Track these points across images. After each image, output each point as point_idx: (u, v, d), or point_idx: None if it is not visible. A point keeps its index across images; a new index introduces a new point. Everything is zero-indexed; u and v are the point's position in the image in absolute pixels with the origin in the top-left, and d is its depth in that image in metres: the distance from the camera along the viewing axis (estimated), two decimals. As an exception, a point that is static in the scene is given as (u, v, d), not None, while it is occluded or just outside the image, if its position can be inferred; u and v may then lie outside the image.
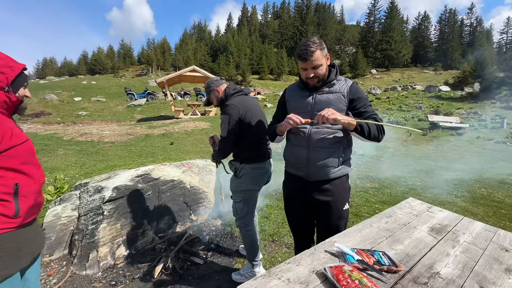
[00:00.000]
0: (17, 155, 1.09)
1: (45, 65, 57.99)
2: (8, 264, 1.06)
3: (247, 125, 1.87)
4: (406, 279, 0.93)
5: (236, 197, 2.03)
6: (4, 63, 1.10)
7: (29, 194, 1.14)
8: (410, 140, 9.88)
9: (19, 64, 1.16)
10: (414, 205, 1.67)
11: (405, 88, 26.37)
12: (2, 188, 1.05)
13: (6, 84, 1.08)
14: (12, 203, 1.07)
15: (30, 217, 1.17)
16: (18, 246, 1.11)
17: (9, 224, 1.07)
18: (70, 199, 2.67)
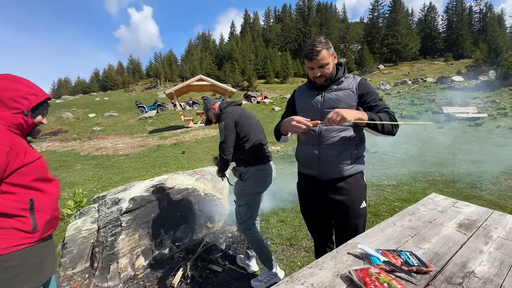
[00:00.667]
0: (31, 172, 1.14)
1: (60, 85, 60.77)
2: (30, 279, 1.09)
3: (244, 129, 2.00)
4: (438, 279, 0.87)
5: (240, 200, 2.04)
6: (31, 91, 1.19)
7: (45, 209, 1.17)
8: (425, 134, 9.56)
9: (45, 94, 1.25)
10: (438, 200, 1.60)
11: (415, 81, 25.69)
12: (18, 204, 1.08)
13: (27, 108, 1.15)
14: (29, 218, 1.10)
15: (49, 231, 1.21)
16: (38, 260, 1.14)
17: (28, 239, 1.10)
18: (89, 212, 2.73)
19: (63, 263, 2.36)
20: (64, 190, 4.99)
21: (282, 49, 55.50)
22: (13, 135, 1.12)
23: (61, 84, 61.83)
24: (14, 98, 1.12)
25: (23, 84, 1.19)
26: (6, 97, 1.12)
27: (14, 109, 1.13)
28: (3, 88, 1.12)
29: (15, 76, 1.20)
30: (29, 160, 1.13)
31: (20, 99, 1.14)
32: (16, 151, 1.08)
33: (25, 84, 1.19)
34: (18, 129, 1.16)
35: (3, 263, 1.03)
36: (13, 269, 1.05)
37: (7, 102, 1.12)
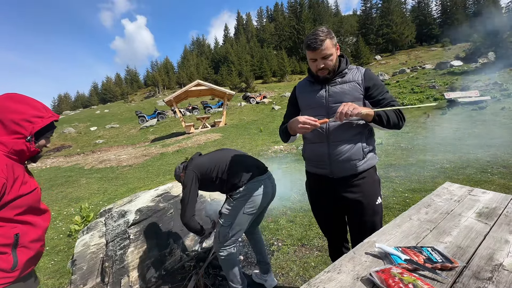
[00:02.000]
0: (23, 204, 1.05)
1: (60, 101, 61.33)
2: None
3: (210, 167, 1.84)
4: (466, 275, 0.82)
5: (225, 220, 1.78)
6: (36, 113, 1.09)
7: (30, 245, 1.08)
8: (429, 122, 9.44)
9: (52, 115, 1.16)
10: (453, 189, 1.54)
11: (414, 69, 25.46)
12: (1, 240, 0.98)
13: (29, 133, 1.07)
14: (10, 256, 1.00)
15: (28, 269, 1.11)
16: None
17: (6, 279, 1.01)
18: (96, 226, 2.70)
19: (74, 281, 2.33)
20: (71, 206, 4.97)
21: (277, 48, 55.45)
22: (12, 163, 1.04)
23: (61, 100, 62.38)
24: (16, 121, 1.04)
25: (28, 105, 1.09)
26: (8, 119, 1.03)
27: (16, 133, 1.04)
28: (7, 109, 1.04)
29: (22, 96, 1.11)
30: (24, 191, 1.05)
31: (24, 122, 1.05)
32: (12, 182, 1.00)
33: (31, 105, 1.10)
34: (17, 155, 1.08)
35: None
36: None
37: (9, 125, 1.04)
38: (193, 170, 1.83)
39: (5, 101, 1.05)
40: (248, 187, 1.75)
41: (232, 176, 1.79)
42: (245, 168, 1.81)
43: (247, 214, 1.76)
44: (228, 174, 1.80)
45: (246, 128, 12.77)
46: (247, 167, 1.82)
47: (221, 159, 1.88)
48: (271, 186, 1.87)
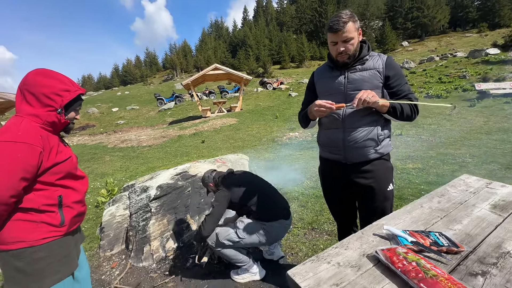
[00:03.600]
0: (61, 171, 1.16)
1: (84, 82, 63.79)
2: (58, 270, 1.16)
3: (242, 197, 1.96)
4: (470, 259, 0.85)
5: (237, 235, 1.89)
6: (64, 87, 1.17)
7: (72, 205, 1.21)
8: (455, 114, 8.94)
9: (78, 89, 1.23)
10: (470, 182, 1.52)
11: (444, 57, 23.75)
12: (48, 200, 1.12)
13: (59, 106, 1.15)
14: (58, 214, 1.15)
15: (75, 225, 1.26)
16: (65, 252, 1.19)
17: (56, 232, 1.15)
18: (121, 199, 2.93)
19: (102, 245, 2.59)
20: (97, 180, 5.36)
21: (297, 32, 53.46)
22: (47, 134, 1.14)
23: (85, 81, 64.86)
24: (47, 94, 1.12)
25: (57, 79, 1.17)
26: (40, 93, 1.11)
27: (48, 106, 1.13)
28: (38, 84, 1.11)
29: (49, 71, 1.18)
30: (60, 159, 1.15)
31: (54, 96, 1.13)
32: (48, 151, 1.10)
33: (58, 80, 1.17)
34: (51, 126, 1.17)
35: (33, 254, 1.09)
36: (43, 260, 1.11)
37: (41, 99, 1.11)
38: (227, 192, 1.98)
39: (35, 76, 1.13)
40: (273, 225, 1.91)
41: (262, 211, 1.94)
42: (276, 208, 1.96)
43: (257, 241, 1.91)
44: (258, 207, 1.94)
45: (262, 114, 12.76)
46: (277, 209, 1.97)
47: (254, 189, 2.00)
48: (287, 229, 2.02)
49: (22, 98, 1.12)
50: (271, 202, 1.98)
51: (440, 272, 0.73)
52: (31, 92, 1.11)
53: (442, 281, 0.70)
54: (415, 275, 0.73)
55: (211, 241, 1.94)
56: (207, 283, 2.05)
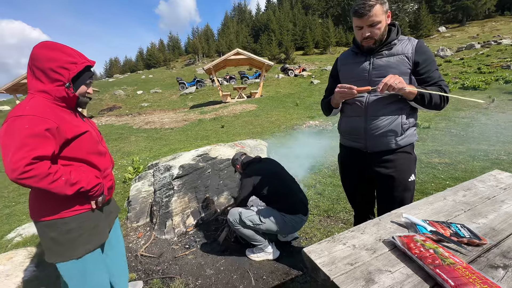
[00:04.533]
0: (81, 145, 1.18)
1: (111, 65, 66.29)
2: (88, 241, 1.22)
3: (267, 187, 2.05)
4: (493, 253, 0.83)
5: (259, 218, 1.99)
6: (70, 59, 1.12)
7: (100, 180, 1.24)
8: (492, 108, 8.23)
9: (85, 60, 1.18)
10: (501, 178, 1.44)
11: (486, 44, 21.56)
12: None
13: (67, 80, 1.11)
14: None
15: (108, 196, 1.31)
16: (94, 224, 1.25)
17: (85, 205, 1.21)
18: (146, 176, 3.12)
19: (129, 217, 2.81)
20: (124, 158, 5.71)
21: (323, 16, 50.95)
22: (59, 109, 1.13)
23: (112, 64, 67.37)
24: (54, 68, 1.08)
25: (62, 52, 1.12)
26: (47, 68, 1.08)
27: (56, 80, 1.10)
28: (44, 58, 1.08)
29: (55, 43, 1.13)
30: (77, 132, 1.15)
31: (60, 69, 1.09)
32: (61, 124, 1.09)
33: (64, 52, 1.12)
34: (63, 101, 1.15)
35: (65, 225, 1.15)
36: (74, 231, 1.17)
37: (49, 74, 1.08)
38: (252, 178, 2.08)
39: (41, 50, 1.09)
40: (292, 218, 1.98)
41: (283, 203, 2.00)
42: (297, 203, 2.03)
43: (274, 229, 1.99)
44: (280, 199, 2.02)
45: (282, 101, 12.59)
46: (297, 202, 2.03)
47: (278, 181, 2.09)
48: (303, 224, 2.08)
49: (32, 74, 1.10)
50: (293, 197, 2.04)
51: (458, 261, 0.73)
52: (38, 67, 1.08)
53: (459, 269, 0.70)
54: (432, 261, 0.74)
55: (232, 217, 2.05)
56: (224, 258, 2.18)
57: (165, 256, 2.28)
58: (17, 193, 4.42)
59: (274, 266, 2.04)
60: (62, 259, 1.18)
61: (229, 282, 1.91)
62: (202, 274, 2.02)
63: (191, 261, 2.18)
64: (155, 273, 2.07)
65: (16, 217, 3.46)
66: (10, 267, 2.10)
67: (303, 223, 2.06)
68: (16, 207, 3.83)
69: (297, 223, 2.01)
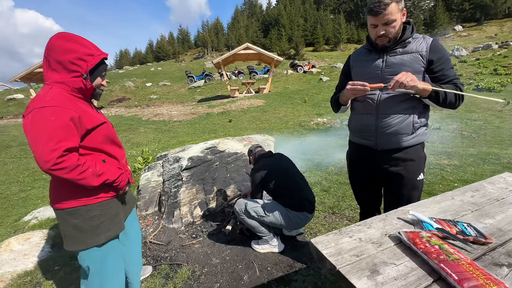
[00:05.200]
0: (99, 135, 1.21)
1: (121, 57, 66.87)
2: (110, 228, 1.26)
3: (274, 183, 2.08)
4: (498, 251, 0.85)
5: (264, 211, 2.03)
6: (87, 51, 1.14)
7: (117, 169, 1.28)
8: (507, 111, 8.01)
9: (101, 53, 1.20)
10: (511, 180, 1.43)
11: (504, 45, 20.79)
12: None
13: (85, 71, 1.13)
14: None
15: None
16: (114, 212, 1.29)
17: (106, 193, 1.24)
18: (155, 167, 3.20)
19: (139, 206, 2.89)
20: (133, 149, 5.85)
21: (335, 12, 49.97)
22: (76, 99, 1.15)
23: (122, 55, 67.98)
24: (72, 60, 1.10)
25: (79, 43, 1.13)
26: (65, 59, 1.09)
27: (73, 72, 1.11)
28: (61, 49, 1.09)
29: (71, 35, 1.14)
30: (95, 123, 1.18)
31: (78, 61, 1.11)
32: (81, 115, 1.12)
33: (81, 44, 1.14)
34: (80, 93, 1.17)
35: (88, 212, 1.19)
36: (96, 218, 1.21)
37: (67, 65, 1.10)
38: (261, 173, 2.12)
39: (58, 41, 1.10)
40: (297, 214, 2.01)
41: (290, 199, 2.03)
42: (303, 201, 2.05)
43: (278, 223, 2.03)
44: (287, 194, 2.05)
45: (290, 98, 12.53)
46: (303, 199, 2.05)
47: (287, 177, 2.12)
48: (308, 221, 2.10)
49: (48, 65, 1.12)
50: (301, 194, 2.06)
51: (462, 257, 0.75)
52: (56, 58, 1.10)
53: (463, 264, 0.72)
54: (437, 256, 0.76)
55: (239, 207, 2.10)
56: (229, 249, 2.24)
57: (173, 244, 2.35)
58: (32, 178, 4.60)
59: (279, 258, 2.09)
60: (84, 246, 1.21)
61: (234, 271, 1.97)
62: (208, 262, 2.08)
63: (198, 250, 2.25)
64: (163, 259, 2.15)
65: (32, 201, 3.61)
66: (28, 247, 2.22)
67: (307, 220, 2.09)
68: (32, 192, 3.99)
69: (302, 220, 2.04)
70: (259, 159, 2.29)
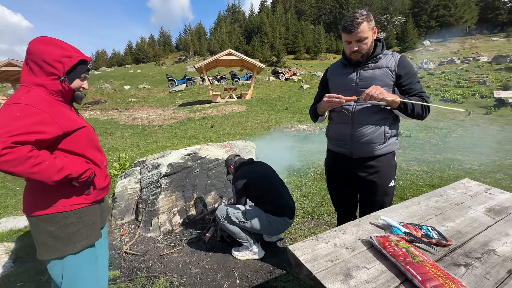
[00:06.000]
0: (80, 139, 1.19)
1: (98, 57, 64.02)
2: (87, 235, 1.22)
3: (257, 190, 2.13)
4: (457, 252, 0.93)
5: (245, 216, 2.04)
6: (65, 53, 1.14)
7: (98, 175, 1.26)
8: (468, 120, 8.75)
9: (79, 55, 1.19)
10: (470, 186, 1.57)
11: (465, 60, 22.80)
12: None
13: (62, 73, 1.12)
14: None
15: (100, 196, 1.30)
16: (92, 220, 1.26)
17: (84, 200, 1.21)
18: (133, 173, 3.09)
19: (114, 214, 2.76)
20: (109, 154, 5.58)
21: (316, 22, 51.90)
22: (57, 103, 1.14)
23: (99, 56, 65.08)
24: (49, 62, 1.10)
25: (57, 46, 1.14)
26: (42, 61, 1.10)
27: (51, 74, 1.11)
28: (39, 52, 1.09)
29: (51, 38, 1.15)
30: (75, 126, 1.16)
31: (55, 63, 1.11)
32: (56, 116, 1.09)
33: (59, 46, 1.14)
34: (60, 96, 1.16)
35: (65, 219, 1.15)
36: (73, 226, 1.17)
37: (44, 67, 1.10)
38: (243, 180, 2.14)
39: (36, 45, 1.11)
40: (277, 220, 2.04)
41: (271, 205, 2.07)
42: (284, 207, 2.08)
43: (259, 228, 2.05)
44: (268, 201, 2.09)
45: (272, 104, 12.72)
46: (284, 205, 2.09)
47: (268, 184, 2.16)
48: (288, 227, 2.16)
49: (28, 69, 1.12)
50: (281, 200, 2.10)
51: (426, 259, 0.82)
52: (34, 61, 1.10)
53: (427, 266, 0.79)
54: (403, 259, 0.82)
55: (220, 213, 2.09)
56: (209, 257, 2.20)
57: (150, 254, 2.27)
58: (-9, 186, 4.21)
59: (259, 265, 2.09)
60: (59, 254, 1.16)
61: (214, 280, 1.94)
62: (187, 272, 2.03)
63: (176, 259, 2.19)
64: (139, 270, 2.06)
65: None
66: (-15, 263, 2.02)
67: (288, 225, 2.12)
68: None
69: (282, 225, 2.07)
70: (240, 167, 2.30)
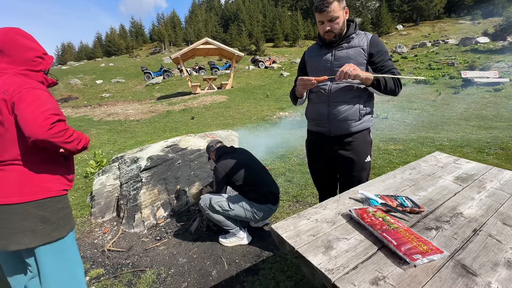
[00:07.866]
0: None
1: (64, 51, 59.43)
2: (71, 219, 1.30)
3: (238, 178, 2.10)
4: (429, 218, 0.99)
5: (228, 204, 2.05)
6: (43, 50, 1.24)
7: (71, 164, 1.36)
8: (439, 100, 9.24)
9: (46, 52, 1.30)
10: (440, 158, 1.67)
11: (435, 43, 23.82)
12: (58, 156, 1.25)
13: (45, 67, 1.24)
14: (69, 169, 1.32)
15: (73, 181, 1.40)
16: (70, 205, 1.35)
17: (69, 186, 1.30)
18: (111, 170, 2.96)
19: (93, 213, 2.66)
20: (83, 153, 5.29)
21: (292, 8, 51.44)
22: None
23: (65, 50, 60.42)
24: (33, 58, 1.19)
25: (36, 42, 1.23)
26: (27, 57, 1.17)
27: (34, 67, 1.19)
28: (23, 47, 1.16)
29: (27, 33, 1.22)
30: None
31: (39, 59, 1.21)
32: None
33: (37, 42, 1.23)
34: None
35: (57, 203, 1.21)
36: (62, 210, 1.23)
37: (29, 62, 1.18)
38: (224, 169, 2.08)
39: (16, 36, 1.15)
40: (261, 207, 2.06)
41: (254, 193, 2.07)
42: (267, 193, 2.09)
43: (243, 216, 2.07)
44: (250, 189, 2.08)
45: (253, 93, 12.63)
46: (267, 193, 2.09)
47: (250, 171, 2.11)
48: (272, 213, 2.20)
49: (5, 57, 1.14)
50: (264, 187, 2.10)
51: (401, 226, 0.86)
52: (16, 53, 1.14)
53: (401, 231, 0.83)
54: (380, 227, 0.86)
55: (203, 203, 2.07)
56: (197, 246, 2.20)
57: (135, 249, 2.22)
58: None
59: (246, 250, 2.12)
60: (48, 239, 1.17)
61: (202, 268, 1.94)
62: (174, 263, 2.02)
63: (163, 252, 2.16)
64: (124, 266, 2.01)
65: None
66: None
67: (272, 212, 2.15)
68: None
69: (266, 212, 2.09)
70: (221, 155, 2.26)
